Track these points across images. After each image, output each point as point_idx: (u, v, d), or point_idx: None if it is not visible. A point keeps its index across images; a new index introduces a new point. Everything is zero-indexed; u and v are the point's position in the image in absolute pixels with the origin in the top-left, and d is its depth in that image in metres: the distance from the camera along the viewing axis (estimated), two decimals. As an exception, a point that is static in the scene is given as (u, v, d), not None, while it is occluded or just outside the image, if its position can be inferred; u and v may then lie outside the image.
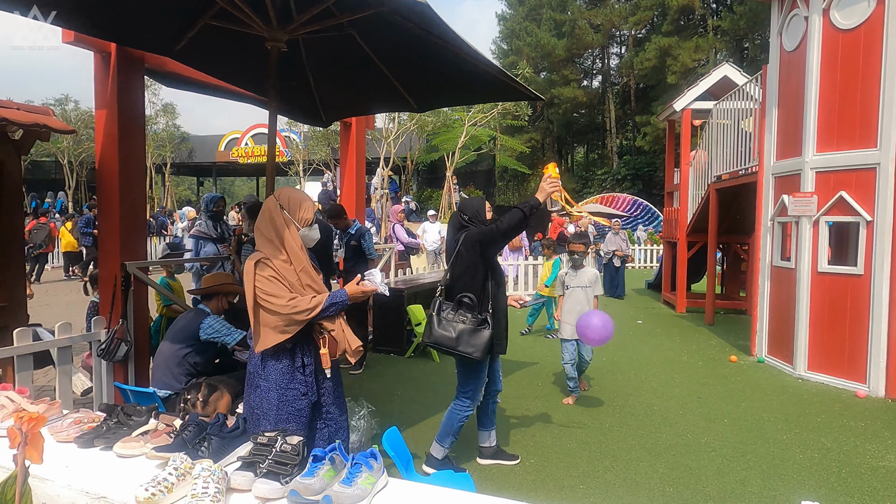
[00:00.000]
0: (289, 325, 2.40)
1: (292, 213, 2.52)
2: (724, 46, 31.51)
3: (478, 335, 3.40)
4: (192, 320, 3.77)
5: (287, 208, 2.52)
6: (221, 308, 3.94)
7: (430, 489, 1.71)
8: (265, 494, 1.59)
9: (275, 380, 2.44)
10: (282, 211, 2.51)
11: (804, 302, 5.99)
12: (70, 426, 2.02)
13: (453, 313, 3.44)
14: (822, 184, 5.85)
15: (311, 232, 2.59)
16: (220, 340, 3.70)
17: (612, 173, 33.05)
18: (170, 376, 3.59)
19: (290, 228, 2.50)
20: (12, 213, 3.96)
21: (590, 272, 5.14)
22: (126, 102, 4.06)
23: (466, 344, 3.38)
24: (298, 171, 23.90)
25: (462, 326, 3.40)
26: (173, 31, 3.80)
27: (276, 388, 2.44)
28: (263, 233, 2.52)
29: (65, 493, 1.66)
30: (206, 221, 6.09)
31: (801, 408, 5.08)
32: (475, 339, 3.39)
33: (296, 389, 2.47)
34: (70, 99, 29.04)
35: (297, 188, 2.67)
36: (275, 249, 2.47)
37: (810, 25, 5.88)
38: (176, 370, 3.60)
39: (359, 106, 5.40)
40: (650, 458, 3.99)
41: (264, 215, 2.55)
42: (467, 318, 3.42)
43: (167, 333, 3.90)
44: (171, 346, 3.69)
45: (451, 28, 2.84)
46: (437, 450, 3.68)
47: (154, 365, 3.74)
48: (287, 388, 2.45)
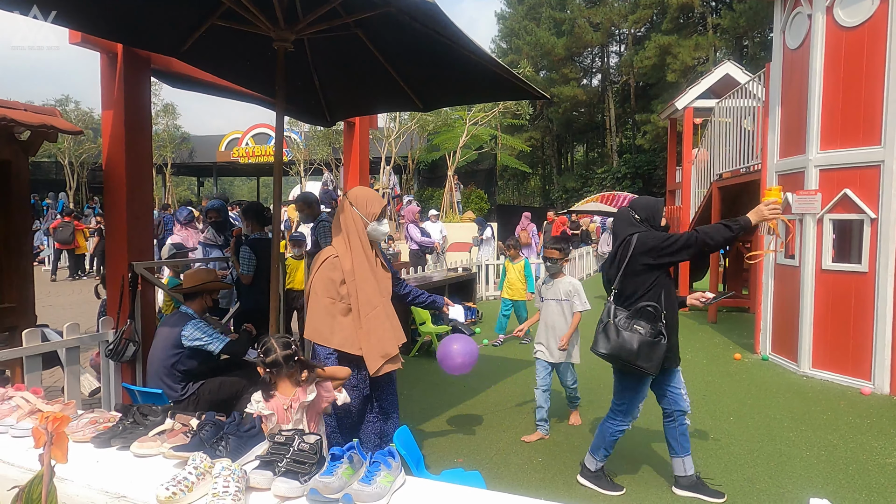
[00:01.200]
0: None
1: (360, 209, 2.70)
2: (724, 44, 31.51)
3: (655, 348, 3.12)
4: (175, 327, 3.62)
5: (356, 204, 2.70)
6: (205, 306, 3.85)
7: (447, 487, 1.72)
8: (285, 493, 1.60)
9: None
10: (351, 207, 2.71)
11: (808, 300, 6.00)
12: (86, 426, 2.03)
13: (628, 321, 3.17)
14: (826, 181, 5.85)
15: (380, 226, 2.75)
16: (203, 348, 3.58)
17: (612, 172, 33.06)
18: (161, 384, 3.52)
19: (357, 224, 2.70)
20: (20, 213, 3.97)
21: (566, 283, 4.46)
22: (133, 103, 4.06)
23: (645, 358, 3.12)
24: (299, 170, 23.91)
25: (640, 338, 3.11)
26: (180, 31, 3.80)
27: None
28: (335, 229, 2.71)
29: (84, 493, 1.66)
30: (209, 229, 6.13)
31: (807, 405, 5.09)
32: (653, 352, 3.12)
33: (348, 382, 2.61)
34: (70, 99, 29.06)
35: (365, 187, 2.82)
36: (344, 245, 2.66)
37: (814, 23, 5.88)
38: (167, 379, 3.53)
39: (364, 105, 5.40)
40: (658, 456, 4.00)
41: (337, 213, 2.76)
42: (645, 328, 3.13)
43: (154, 339, 3.77)
44: (158, 354, 3.60)
45: (457, 27, 2.85)
46: (590, 461, 3.53)
47: (147, 371, 3.70)
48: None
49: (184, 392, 3.56)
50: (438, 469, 3.53)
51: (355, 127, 6.53)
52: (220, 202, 6.34)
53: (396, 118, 18.82)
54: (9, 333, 3.87)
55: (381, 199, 2.80)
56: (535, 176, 41.88)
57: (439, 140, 20.81)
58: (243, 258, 4.98)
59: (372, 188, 14.76)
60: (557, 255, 4.41)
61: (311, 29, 3.63)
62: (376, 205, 2.76)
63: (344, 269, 2.71)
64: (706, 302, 3.47)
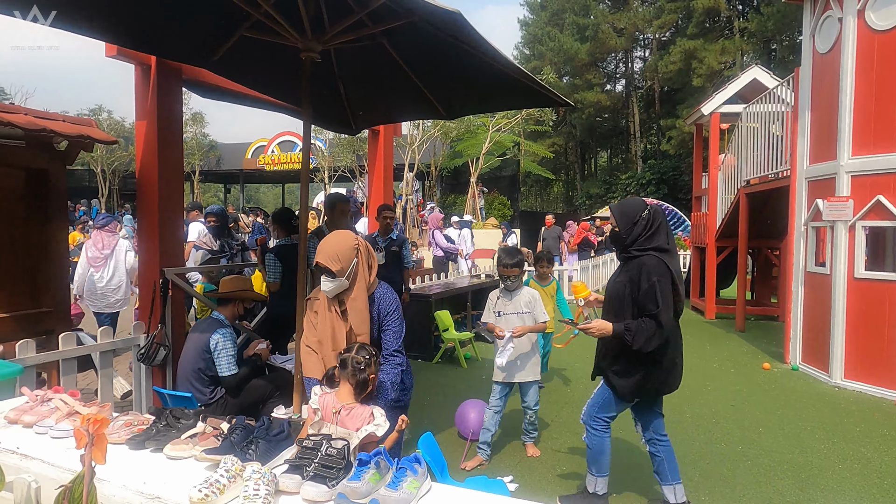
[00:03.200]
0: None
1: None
2: (752, 48, 31.03)
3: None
4: (205, 333, 3.68)
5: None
6: (237, 314, 3.92)
7: (472, 494, 1.73)
8: (313, 497, 1.62)
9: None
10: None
11: (840, 308, 5.87)
12: (121, 428, 2.09)
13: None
14: (859, 188, 5.73)
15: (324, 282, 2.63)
16: (217, 364, 3.60)
17: (636, 178, 32.72)
18: (191, 388, 3.59)
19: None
20: (57, 221, 4.10)
21: (525, 294, 4.14)
22: (165, 113, 4.17)
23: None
24: (324, 177, 24.17)
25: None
26: (210, 43, 3.90)
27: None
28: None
29: (120, 493, 1.71)
30: (208, 233, 6.34)
31: (839, 417, 4.97)
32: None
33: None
34: (103, 109, 29.89)
35: (334, 237, 2.68)
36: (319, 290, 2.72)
37: (844, 27, 5.78)
38: (196, 382, 3.59)
39: (388, 114, 5.46)
40: (683, 466, 3.92)
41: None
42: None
43: (186, 342, 3.85)
44: (188, 357, 3.67)
45: (481, 35, 2.87)
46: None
47: (177, 374, 3.78)
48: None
49: (212, 396, 3.62)
50: (462, 476, 3.54)
51: (380, 134, 6.61)
52: (220, 207, 6.49)
53: (420, 125, 18.93)
54: (45, 337, 3.98)
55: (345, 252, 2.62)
56: (559, 182, 41.67)
57: (462, 147, 20.87)
58: (269, 266, 5.06)
59: (395, 194, 14.75)
60: (516, 272, 4.09)
61: (338, 39, 3.69)
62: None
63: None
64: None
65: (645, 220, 3.03)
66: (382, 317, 2.69)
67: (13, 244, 3.87)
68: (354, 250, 2.58)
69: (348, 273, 2.56)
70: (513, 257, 4.09)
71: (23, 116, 3.64)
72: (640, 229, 3.03)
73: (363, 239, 2.74)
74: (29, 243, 3.95)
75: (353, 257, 2.56)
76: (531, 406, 4.14)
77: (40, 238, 4.01)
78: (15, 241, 3.88)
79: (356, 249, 2.59)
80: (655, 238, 3.01)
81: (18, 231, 3.89)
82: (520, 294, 4.11)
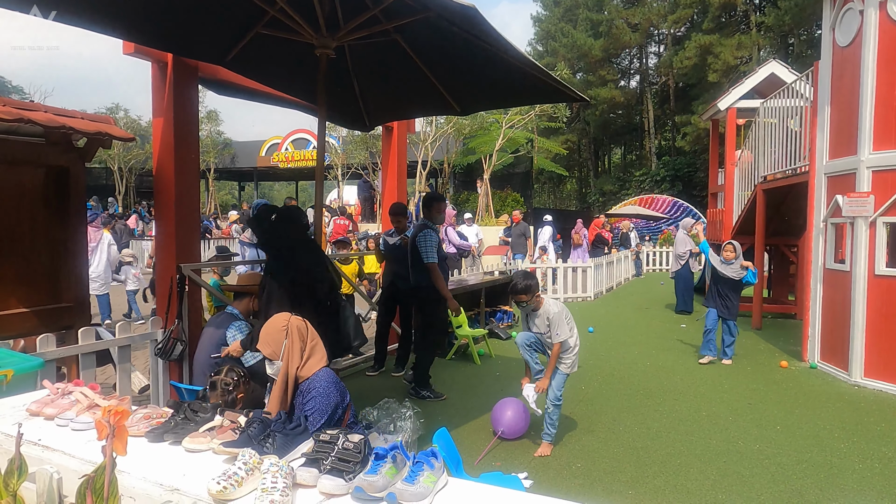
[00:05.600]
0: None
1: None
2: (768, 43, 30.60)
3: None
4: (220, 327, 3.73)
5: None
6: (251, 309, 3.93)
7: (489, 489, 1.72)
8: (330, 490, 1.63)
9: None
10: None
11: (860, 306, 5.77)
12: (140, 421, 2.11)
13: None
14: (880, 183, 5.62)
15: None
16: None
17: (650, 174, 32.49)
18: (206, 381, 3.62)
19: None
20: (77, 218, 4.15)
21: (543, 316, 4.02)
22: (181, 111, 4.21)
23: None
24: (337, 175, 24.27)
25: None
26: (226, 40, 3.93)
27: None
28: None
29: (140, 485, 1.73)
30: (249, 229, 6.31)
31: (859, 416, 4.90)
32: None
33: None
34: (120, 107, 30.25)
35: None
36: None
37: (865, 19, 5.67)
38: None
39: (402, 110, 5.46)
40: (700, 464, 3.91)
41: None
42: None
43: (201, 337, 3.92)
44: (204, 351, 3.71)
45: (496, 30, 2.86)
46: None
47: (193, 368, 3.82)
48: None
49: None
50: (477, 472, 3.54)
51: (393, 131, 6.61)
52: (265, 201, 6.54)
53: (433, 122, 18.93)
54: (65, 332, 4.04)
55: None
56: (572, 179, 41.46)
57: (475, 144, 20.84)
58: None
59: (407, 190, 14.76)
60: (527, 297, 3.97)
61: (352, 36, 3.70)
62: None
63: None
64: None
65: None
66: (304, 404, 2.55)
67: (34, 241, 3.93)
68: (283, 332, 2.56)
69: (282, 355, 2.56)
70: (517, 285, 3.96)
71: (42, 114, 3.68)
72: None
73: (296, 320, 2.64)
74: (49, 240, 4.01)
75: (282, 339, 2.56)
76: (551, 399, 4.07)
77: (61, 235, 4.07)
78: (36, 239, 3.94)
79: (285, 331, 2.57)
80: None
81: (39, 228, 3.96)
82: (539, 315, 4.04)
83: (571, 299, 11.73)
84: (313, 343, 2.63)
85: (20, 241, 3.88)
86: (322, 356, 2.63)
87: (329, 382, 2.55)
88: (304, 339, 2.60)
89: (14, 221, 3.84)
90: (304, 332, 2.61)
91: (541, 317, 4.03)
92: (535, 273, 4.29)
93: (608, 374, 6.18)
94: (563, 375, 4.10)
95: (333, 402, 2.52)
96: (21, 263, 3.88)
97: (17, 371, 2.65)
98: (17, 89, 31.79)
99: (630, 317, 9.97)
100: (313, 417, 2.44)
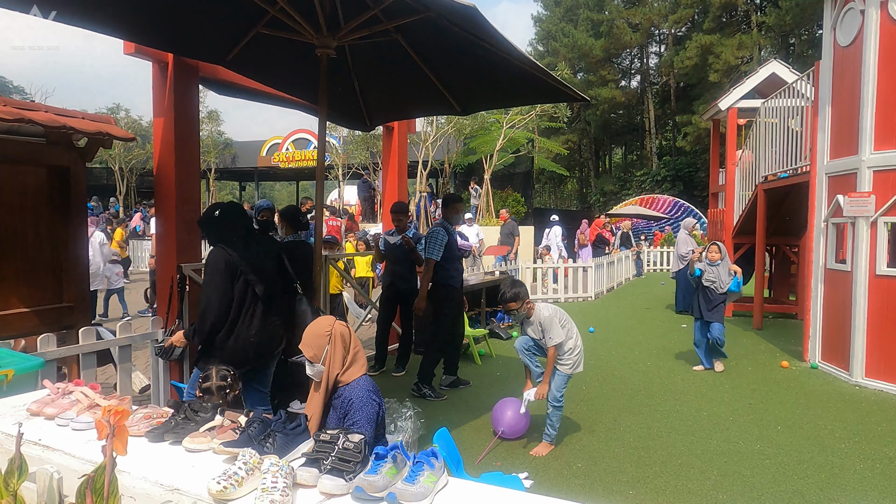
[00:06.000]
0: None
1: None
2: (769, 43, 30.58)
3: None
4: None
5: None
6: None
7: (489, 489, 1.72)
8: (330, 490, 1.63)
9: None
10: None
11: (861, 306, 5.77)
12: (140, 421, 2.11)
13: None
14: (881, 183, 5.62)
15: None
16: None
17: (651, 174, 32.46)
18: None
19: None
20: (78, 218, 4.16)
21: (536, 320, 4.05)
22: (182, 111, 4.21)
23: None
24: (338, 175, 24.26)
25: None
26: (227, 40, 3.93)
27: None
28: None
29: (140, 485, 1.73)
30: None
31: (860, 416, 4.89)
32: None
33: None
34: (121, 108, 30.27)
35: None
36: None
37: (867, 19, 5.67)
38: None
39: (403, 110, 5.46)
40: (701, 464, 3.90)
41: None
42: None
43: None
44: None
45: (497, 30, 2.86)
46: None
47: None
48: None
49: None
50: (477, 472, 3.54)
51: (394, 131, 6.61)
52: (269, 202, 6.54)
53: (433, 122, 18.91)
54: (66, 332, 4.04)
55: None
56: (573, 179, 41.45)
57: (476, 144, 20.81)
58: None
59: (408, 191, 14.83)
60: (516, 305, 3.98)
61: (353, 35, 3.70)
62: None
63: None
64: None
65: None
66: (345, 415, 2.55)
67: (35, 241, 3.94)
68: (326, 337, 2.56)
69: (322, 359, 2.56)
70: (505, 293, 3.98)
71: (43, 114, 3.69)
72: None
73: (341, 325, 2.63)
74: (50, 240, 4.02)
75: (324, 344, 2.56)
76: (551, 401, 4.07)
77: (61, 235, 4.07)
78: (37, 238, 3.95)
79: (328, 336, 2.56)
80: None
81: (40, 228, 3.96)
82: (532, 322, 4.07)
83: (572, 299, 11.73)
84: (356, 350, 2.65)
85: (21, 240, 3.88)
86: (363, 364, 2.65)
87: (368, 390, 2.57)
88: (346, 345, 2.62)
89: (15, 221, 3.85)
90: (347, 339, 2.63)
91: (534, 323, 4.06)
92: (523, 281, 4.26)
93: (609, 374, 6.18)
94: (563, 376, 4.10)
95: (375, 409, 2.55)
96: (22, 263, 3.88)
97: (17, 371, 2.65)
98: (17, 89, 31.85)
99: (631, 317, 9.97)
100: (359, 426, 2.44)
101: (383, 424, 2.68)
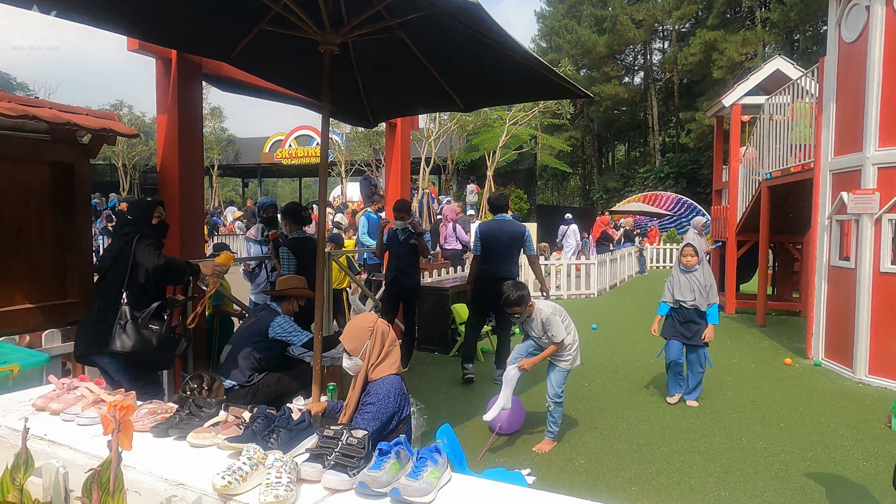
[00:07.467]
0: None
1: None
2: (774, 39, 30.45)
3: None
4: (264, 318, 3.89)
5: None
6: (292, 311, 4.05)
7: (492, 485, 1.73)
8: (334, 485, 1.64)
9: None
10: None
11: (865, 303, 5.76)
12: (145, 416, 2.12)
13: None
14: (885, 180, 5.60)
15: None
16: (287, 339, 3.82)
17: (654, 171, 32.37)
18: (236, 369, 3.73)
19: None
20: (82, 214, 4.16)
21: (537, 319, 4.04)
22: (186, 107, 4.21)
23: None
24: (340, 171, 24.28)
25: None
26: (230, 37, 3.92)
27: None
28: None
29: (145, 479, 1.74)
30: (258, 226, 6.32)
31: (864, 413, 4.88)
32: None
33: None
34: (124, 104, 30.30)
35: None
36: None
37: (872, 15, 5.64)
38: (242, 363, 3.73)
39: (406, 106, 5.44)
40: (704, 461, 3.91)
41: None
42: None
43: (239, 328, 4.08)
44: (242, 340, 3.84)
45: (500, 26, 2.85)
46: None
47: (224, 356, 3.89)
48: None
49: (250, 379, 3.73)
50: (480, 468, 3.55)
51: (397, 128, 6.61)
52: (272, 199, 6.56)
53: (436, 119, 18.89)
54: (71, 328, 4.05)
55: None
56: (576, 176, 41.38)
57: (479, 140, 20.80)
58: (283, 259, 5.09)
59: (412, 188, 14.88)
60: (521, 309, 3.99)
61: (356, 32, 3.69)
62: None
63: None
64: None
65: None
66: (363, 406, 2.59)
67: (40, 237, 3.95)
68: (368, 332, 2.60)
69: (361, 353, 2.59)
70: (509, 297, 3.95)
71: (47, 110, 3.69)
72: None
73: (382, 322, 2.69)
74: (55, 236, 4.03)
75: (365, 339, 2.60)
76: (551, 397, 4.10)
77: (66, 231, 4.08)
78: (41, 235, 3.96)
79: (371, 331, 2.61)
80: None
81: (45, 224, 3.97)
82: (534, 321, 4.06)
83: (575, 296, 11.72)
84: (390, 348, 2.66)
85: (25, 237, 3.89)
86: (393, 363, 2.66)
87: (390, 390, 2.57)
88: (383, 342, 2.64)
89: (19, 218, 3.86)
90: (385, 336, 2.66)
91: (535, 321, 4.06)
92: (525, 284, 4.26)
93: (611, 370, 6.18)
94: (563, 372, 4.12)
95: (390, 410, 2.54)
96: (26, 259, 3.89)
97: (23, 366, 2.66)
98: (21, 86, 31.84)
99: (633, 314, 9.96)
100: (364, 421, 2.47)
101: (407, 428, 2.69)
